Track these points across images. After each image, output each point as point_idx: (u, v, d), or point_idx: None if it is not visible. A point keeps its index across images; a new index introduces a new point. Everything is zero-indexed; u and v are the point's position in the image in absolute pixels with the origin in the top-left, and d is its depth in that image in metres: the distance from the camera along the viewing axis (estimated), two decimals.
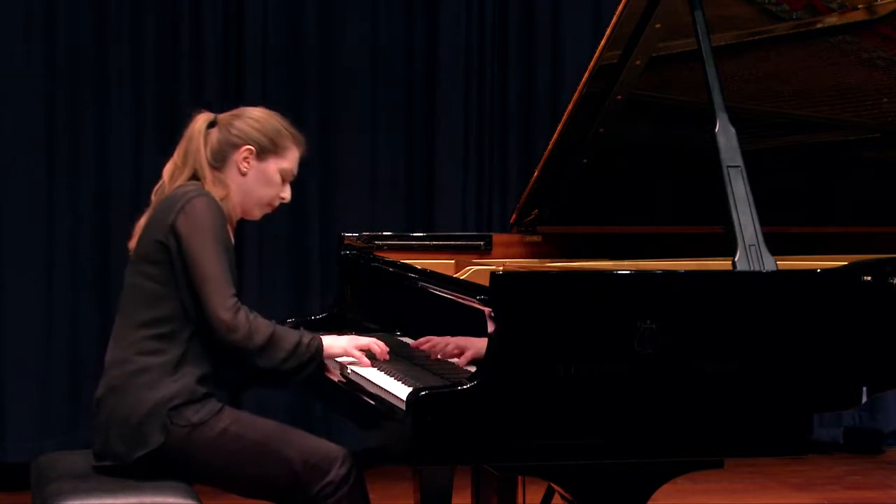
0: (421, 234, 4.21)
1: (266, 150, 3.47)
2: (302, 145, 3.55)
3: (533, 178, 3.99)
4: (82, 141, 5.79)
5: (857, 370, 3.18)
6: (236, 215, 3.48)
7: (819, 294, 3.15)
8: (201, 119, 3.50)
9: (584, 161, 3.94)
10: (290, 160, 3.52)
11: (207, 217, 3.31)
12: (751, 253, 3.21)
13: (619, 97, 3.78)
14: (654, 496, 3.11)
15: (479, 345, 3.06)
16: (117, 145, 5.82)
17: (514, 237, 4.17)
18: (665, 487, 3.13)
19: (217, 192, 3.40)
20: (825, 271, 3.20)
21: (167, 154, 5.96)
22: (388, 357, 3.43)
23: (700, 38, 3.42)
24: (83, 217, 5.80)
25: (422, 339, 3.51)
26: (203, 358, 3.34)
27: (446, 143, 6.19)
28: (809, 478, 6.10)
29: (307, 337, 3.34)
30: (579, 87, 3.72)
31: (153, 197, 3.47)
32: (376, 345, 3.43)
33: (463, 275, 3.84)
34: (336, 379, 3.42)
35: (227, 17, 5.94)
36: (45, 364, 5.75)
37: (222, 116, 3.52)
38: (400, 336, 3.75)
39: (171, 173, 3.47)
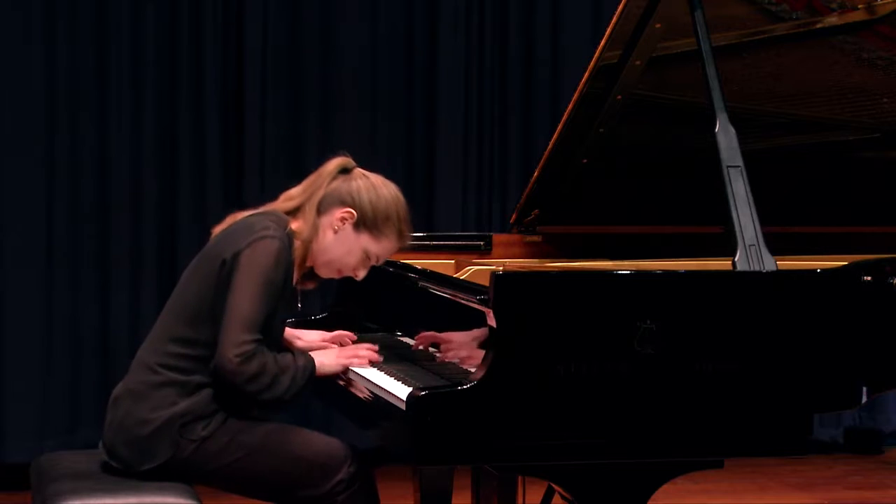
0: (421, 234, 4.21)
1: (366, 224, 3.38)
2: (403, 243, 3.45)
3: (533, 178, 3.99)
4: (82, 141, 5.78)
5: (857, 370, 3.18)
6: (310, 263, 3.42)
7: (819, 294, 3.15)
8: (337, 162, 3.43)
9: (584, 161, 3.94)
10: (381, 248, 3.42)
11: (268, 260, 3.24)
12: (751, 253, 3.21)
13: (619, 97, 3.78)
14: (654, 496, 3.11)
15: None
16: (117, 145, 5.82)
17: (514, 237, 4.17)
18: (665, 487, 3.13)
19: (306, 234, 3.34)
20: (825, 271, 3.20)
21: (167, 154, 5.99)
22: (379, 357, 3.41)
23: (700, 38, 3.41)
24: (83, 218, 5.79)
25: (427, 335, 3.50)
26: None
27: (446, 143, 6.19)
28: (809, 478, 6.10)
29: (301, 360, 3.30)
30: (579, 87, 3.72)
31: (264, 206, 3.43)
32: (365, 350, 3.42)
33: (463, 275, 3.84)
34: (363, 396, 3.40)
35: (226, 17, 5.94)
36: (45, 364, 5.75)
37: (359, 170, 3.44)
38: (400, 336, 3.75)
39: (288, 196, 3.42)
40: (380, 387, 3.23)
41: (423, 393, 2.92)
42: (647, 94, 3.84)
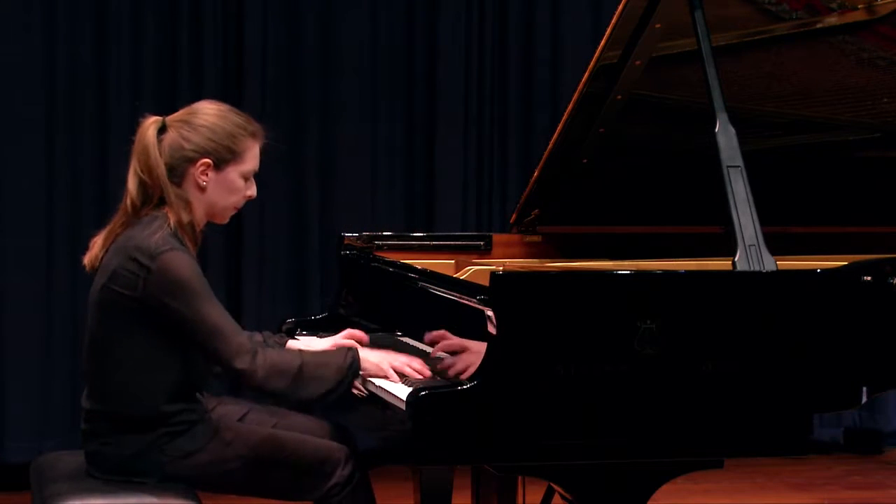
0: (421, 234, 4.21)
1: (224, 159, 3.24)
2: (261, 137, 3.32)
3: (533, 178, 3.99)
4: (82, 141, 5.78)
5: (857, 370, 3.18)
6: (201, 224, 3.29)
7: (819, 294, 3.15)
8: (150, 127, 3.25)
9: (584, 161, 3.94)
10: (250, 161, 3.30)
11: (184, 275, 3.12)
12: (751, 253, 3.21)
13: (619, 97, 3.78)
14: (654, 496, 3.11)
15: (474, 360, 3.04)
16: (117, 147, 5.81)
17: (514, 237, 4.17)
18: (665, 487, 3.13)
19: (183, 215, 3.20)
20: (825, 271, 3.20)
21: None
22: (427, 375, 3.25)
23: (700, 38, 3.41)
24: (83, 218, 5.79)
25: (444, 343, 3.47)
26: (186, 387, 3.23)
27: (446, 142, 6.18)
28: (809, 478, 6.10)
29: (342, 355, 3.22)
30: (579, 87, 3.72)
31: (121, 212, 3.28)
32: (418, 364, 3.25)
33: (463, 275, 3.84)
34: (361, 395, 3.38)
35: (226, 17, 5.94)
36: (45, 364, 5.75)
37: (171, 119, 3.27)
38: (400, 336, 3.75)
39: (140, 195, 3.24)
40: (379, 387, 3.22)
41: (424, 393, 2.92)
42: (647, 94, 3.84)
